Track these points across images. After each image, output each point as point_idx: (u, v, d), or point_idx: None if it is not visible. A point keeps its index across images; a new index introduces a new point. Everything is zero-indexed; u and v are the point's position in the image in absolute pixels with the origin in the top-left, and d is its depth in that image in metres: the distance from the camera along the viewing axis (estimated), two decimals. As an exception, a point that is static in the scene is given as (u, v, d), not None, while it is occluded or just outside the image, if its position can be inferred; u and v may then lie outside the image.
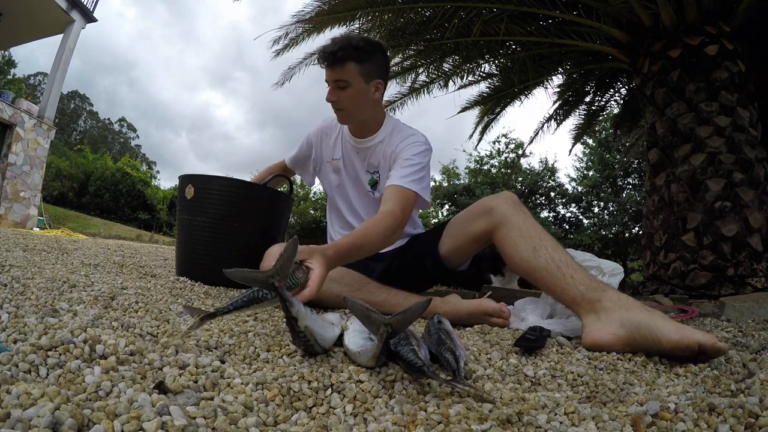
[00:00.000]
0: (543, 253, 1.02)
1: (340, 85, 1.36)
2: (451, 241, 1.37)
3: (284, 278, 0.70)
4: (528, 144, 6.36)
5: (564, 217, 13.66)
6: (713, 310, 1.78)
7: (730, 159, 2.59)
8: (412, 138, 1.44)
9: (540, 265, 1.02)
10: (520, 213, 1.12)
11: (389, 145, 1.46)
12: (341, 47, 1.32)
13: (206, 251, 1.49)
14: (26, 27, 8.14)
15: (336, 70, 1.34)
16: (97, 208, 19.71)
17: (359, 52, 1.34)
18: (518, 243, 1.07)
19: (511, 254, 1.09)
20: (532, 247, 1.04)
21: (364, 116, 1.45)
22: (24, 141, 7.45)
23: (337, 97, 1.38)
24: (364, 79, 1.37)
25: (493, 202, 1.19)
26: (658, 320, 0.82)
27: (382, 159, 1.47)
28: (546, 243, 1.04)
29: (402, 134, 1.47)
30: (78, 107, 45.67)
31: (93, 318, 0.74)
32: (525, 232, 1.07)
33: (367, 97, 1.39)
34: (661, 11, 2.75)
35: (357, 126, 1.49)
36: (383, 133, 1.49)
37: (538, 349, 0.83)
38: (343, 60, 1.33)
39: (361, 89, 1.37)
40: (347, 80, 1.35)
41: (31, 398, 0.39)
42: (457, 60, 4.23)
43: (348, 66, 1.33)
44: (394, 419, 0.47)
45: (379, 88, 1.42)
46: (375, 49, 1.38)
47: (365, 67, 1.36)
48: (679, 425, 0.48)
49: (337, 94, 1.37)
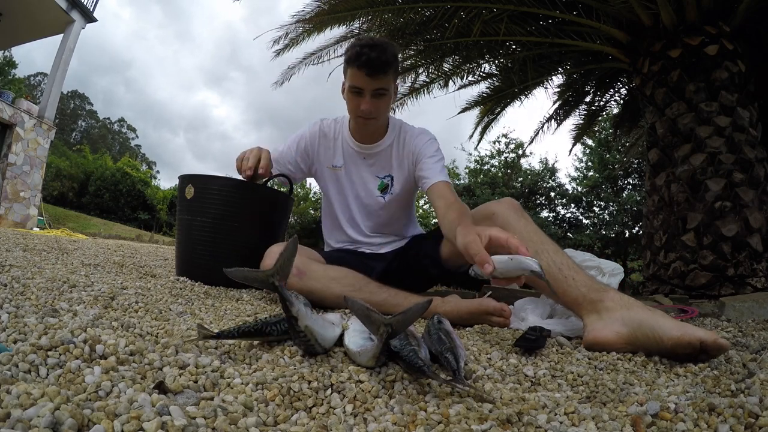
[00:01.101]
0: (545, 256, 1.02)
1: (381, 93, 1.31)
2: (450, 246, 1.38)
3: (284, 278, 0.70)
4: (528, 144, 6.37)
5: (564, 217, 13.66)
6: (713, 310, 1.78)
7: (730, 159, 2.59)
8: (423, 136, 1.46)
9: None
10: (522, 218, 1.13)
11: (402, 147, 1.46)
12: (387, 55, 1.26)
13: (206, 251, 1.49)
14: (26, 27, 8.14)
15: (380, 79, 1.28)
16: (97, 208, 19.71)
17: (396, 59, 1.30)
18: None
19: None
20: (533, 251, 1.04)
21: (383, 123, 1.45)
22: (24, 141, 7.45)
23: (377, 107, 1.32)
24: (394, 86, 1.36)
25: (494, 207, 1.20)
26: (659, 318, 0.82)
27: (396, 161, 1.47)
28: (548, 247, 1.04)
29: (411, 134, 1.47)
30: (78, 107, 45.68)
31: (93, 318, 0.74)
32: (527, 236, 1.07)
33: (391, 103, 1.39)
34: (661, 11, 2.75)
35: (367, 132, 1.47)
36: (391, 136, 1.48)
37: (538, 349, 0.83)
38: (386, 70, 1.27)
39: (392, 97, 1.36)
40: (388, 89, 1.31)
41: (31, 398, 0.39)
42: (457, 60, 4.23)
43: (389, 74, 1.29)
44: (394, 419, 0.47)
45: (396, 91, 1.41)
46: (397, 52, 1.35)
47: (396, 74, 1.33)
48: (679, 425, 0.48)
49: (377, 104, 1.32)
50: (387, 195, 1.49)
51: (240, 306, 1.12)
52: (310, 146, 1.54)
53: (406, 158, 1.46)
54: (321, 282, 1.19)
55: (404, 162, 1.47)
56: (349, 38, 3.97)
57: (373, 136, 1.48)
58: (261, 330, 0.70)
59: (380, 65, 1.26)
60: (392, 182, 1.49)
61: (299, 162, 1.55)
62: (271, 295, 1.36)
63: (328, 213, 1.63)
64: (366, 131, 1.45)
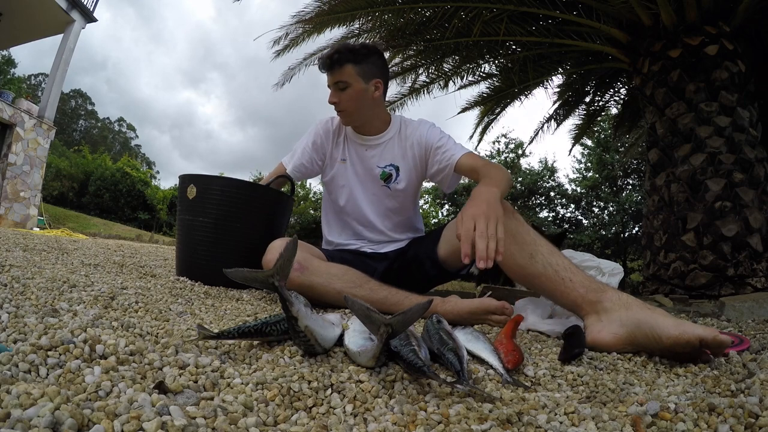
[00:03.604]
0: (540, 258, 1.01)
1: (340, 87, 1.42)
2: (448, 246, 1.40)
3: (284, 278, 0.70)
4: (528, 144, 6.37)
5: (564, 217, 13.66)
6: (713, 310, 1.78)
7: (730, 159, 2.59)
8: (424, 125, 1.54)
9: (538, 270, 1.02)
10: (513, 219, 1.11)
11: (407, 138, 1.53)
12: (337, 51, 1.42)
13: (207, 251, 1.49)
14: (26, 27, 8.13)
15: (335, 73, 1.42)
16: (97, 208, 19.70)
17: (355, 54, 1.42)
18: (514, 250, 1.06)
19: (507, 261, 1.09)
20: (528, 254, 1.04)
21: (366, 116, 1.50)
22: (24, 141, 7.45)
23: (339, 98, 1.43)
24: (363, 78, 1.43)
25: None
26: (658, 317, 0.82)
27: (400, 151, 1.53)
28: (542, 248, 1.04)
29: (412, 125, 1.55)
30: (78, 106, 45.67)
31: (93, 318, 0.74)
32: (519, 238, 1.06)
33: (366, 95, 1.45)
34: (661, 11, 2.75)
35: (362, 126, 1.53)
36: (393, 129, 1.55)
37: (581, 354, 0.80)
38: (341, 62, 1.41)
39: (361, 89, 1.43)
40: (346, 81, 1.42)
41: (31, 398, 0.39)
42: (457, 60, 4.23)
43: (346, 68, 1.41)
44: (394, 419, 0.47)
45: (379, 87, 1.47)
46: (370, 50, 1.46)
47: (362, 67, 1.42)
48: (679, 425, 0.48)
49: (338, 96, 1.43)
50: (392, 184, 1.53)
51: (240, 306, 1.12)
52: (324, 141, 1.60)
53: (410, 149, 1.52)
54: (322, 277, 1.19)
55: (408, 153, 1.52)
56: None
57: (372, 130, 1.54)
58: (261, 330, 0.70)
59: (330, 60, 1.41)
60: (397, 172, 1.53)
61: (315, 159, 1.60)
62: (271, 295, 1.36)
63: (331, 208, 1.65)
64: (348, 124, 1.54)
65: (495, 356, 0.71)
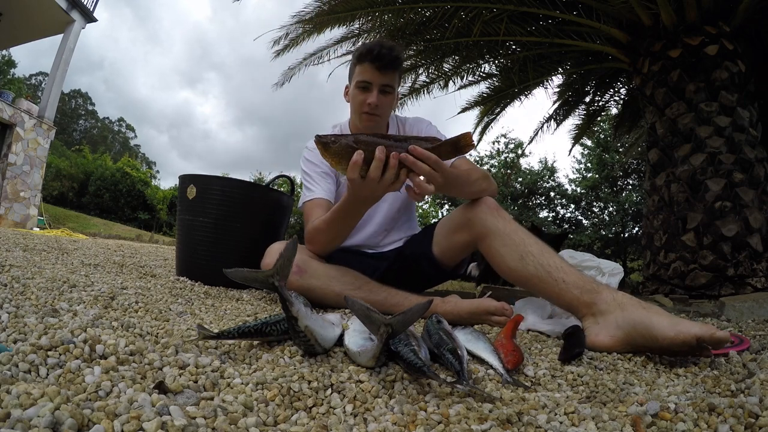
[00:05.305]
0: (530, 260, 1.00)
1: (387, 90, 1.38)
2: (440, 247, 1.39)
3: (284, 278, 0.70)
4: (527, 144, 6.37)
5: (564, 218, 13.66)
6: (713, 310, 1.78)
7: (730, 159, 2.59)
8: (421, 122, 1.55)
9: (530, 272, 1.00)
10: (500, 219, 1.10)
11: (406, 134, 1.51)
12: (396, 52, 1.35)
13: (207, 251, 1.49)
14: (26, 27, 8.13)
15: (388, 75, 1.36)
16: (97, 208, 19.68)
17: (402, 63, 1.40)
18: (503, 253, 1.05)
19: (499, 264, 1.08)
20: (518, 256, 1.03)
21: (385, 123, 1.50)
22: (24, 141, 7.45)
23: (381, 102, 1.38)
24: (397, 86, 1.43)
25: (470, 213, 1.17)
26: (653, 317, 0.81)
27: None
28: (532, 248, 1.02)
29: (408, 123, 1.55)
30: (79, 106, 45.65)
31: (93, 318, 0.74)
32: (508, 240, 1.05)
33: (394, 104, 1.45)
34: (661, 11, 2.75)
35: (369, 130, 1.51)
36: (392, 129, 1.55)
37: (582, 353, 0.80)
38: (395, 66, 1.36)
39: (396, 96, 1.44)
40: (393, 86, 1.39)
41: (31, 398, 0.39)
42: (457, 60, 4.23)
43: (396, 73, 1.38)
44: (394, 419, 0.47)
45: (397, 98, 1.48)
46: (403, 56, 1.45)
47: (401, 77, 1.43)
48: (679, 425, 0.48)
49: (382, 100, 1.38)
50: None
51: (240, 306, 1.12)
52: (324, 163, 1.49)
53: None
54: (321, 280, 1.19)
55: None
56: (349, 38, 3.97)
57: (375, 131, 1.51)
58: (261, 330, 0.70)
59: (390, 60, 1.33)
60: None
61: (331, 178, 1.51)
62: (271, 295, 1.36)
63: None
64: (368, 129, 1.47)
65: (495, 356, 0.71)
